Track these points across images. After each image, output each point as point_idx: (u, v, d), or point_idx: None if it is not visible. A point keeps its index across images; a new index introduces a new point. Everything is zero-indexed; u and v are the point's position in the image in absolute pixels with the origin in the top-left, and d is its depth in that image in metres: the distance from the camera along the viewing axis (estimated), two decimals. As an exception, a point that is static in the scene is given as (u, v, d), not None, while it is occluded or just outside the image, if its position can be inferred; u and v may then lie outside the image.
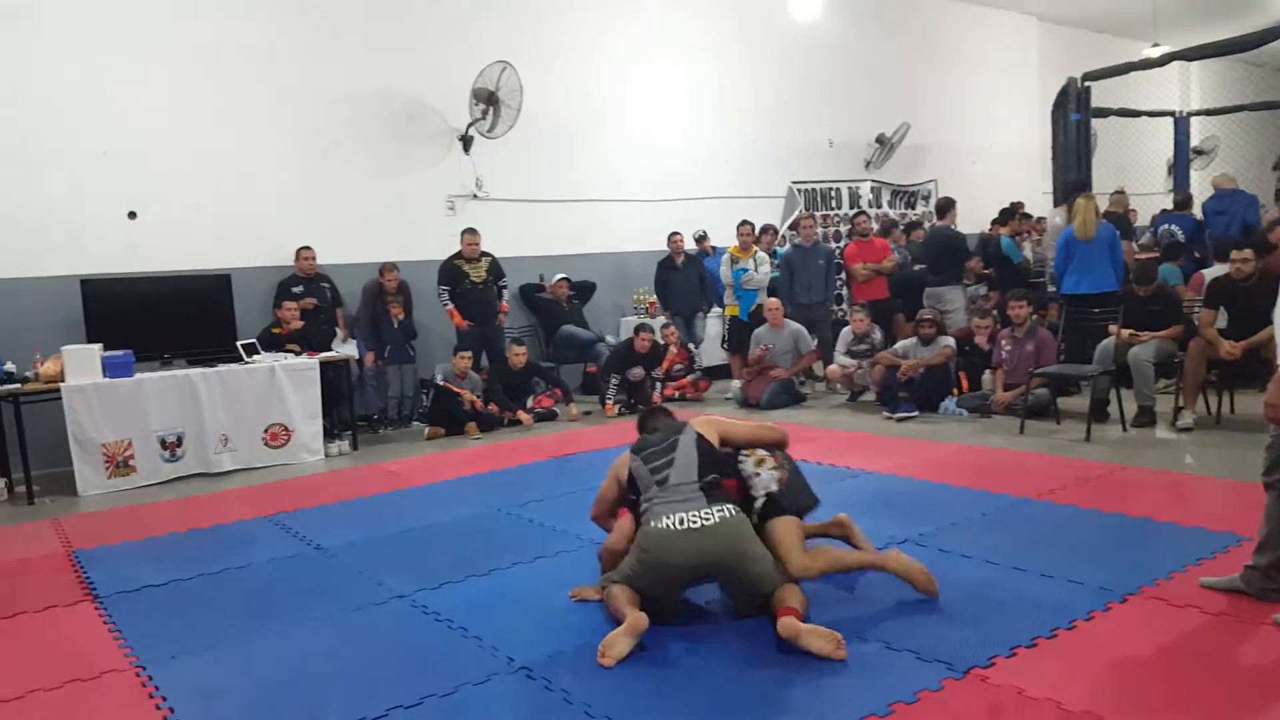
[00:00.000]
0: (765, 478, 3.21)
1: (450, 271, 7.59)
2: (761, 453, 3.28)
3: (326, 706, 2.63)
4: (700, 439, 3.23)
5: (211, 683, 2.86)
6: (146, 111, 6.83)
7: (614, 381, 7.75)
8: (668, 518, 2.97)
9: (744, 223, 8.50)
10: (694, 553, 2.93)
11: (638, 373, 7.84)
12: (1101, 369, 6.08)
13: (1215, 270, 7.00)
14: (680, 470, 3.13)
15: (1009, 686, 2.51)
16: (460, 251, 7.64)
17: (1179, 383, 5.98)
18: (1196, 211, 8.98)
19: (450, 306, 7.53)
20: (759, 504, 3.18)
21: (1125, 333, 6.07)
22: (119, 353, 5.87)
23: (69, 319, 6.31)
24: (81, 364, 5.70)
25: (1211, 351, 5.64)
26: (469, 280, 7.59)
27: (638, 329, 7.91)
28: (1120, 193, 8.84)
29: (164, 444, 5.94)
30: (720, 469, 3.18)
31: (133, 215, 6.84)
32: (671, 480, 3.10)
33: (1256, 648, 2.68)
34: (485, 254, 7.74)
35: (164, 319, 6.40)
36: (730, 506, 3.02)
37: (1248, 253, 5.66)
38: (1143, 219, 10.39)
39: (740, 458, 3.29)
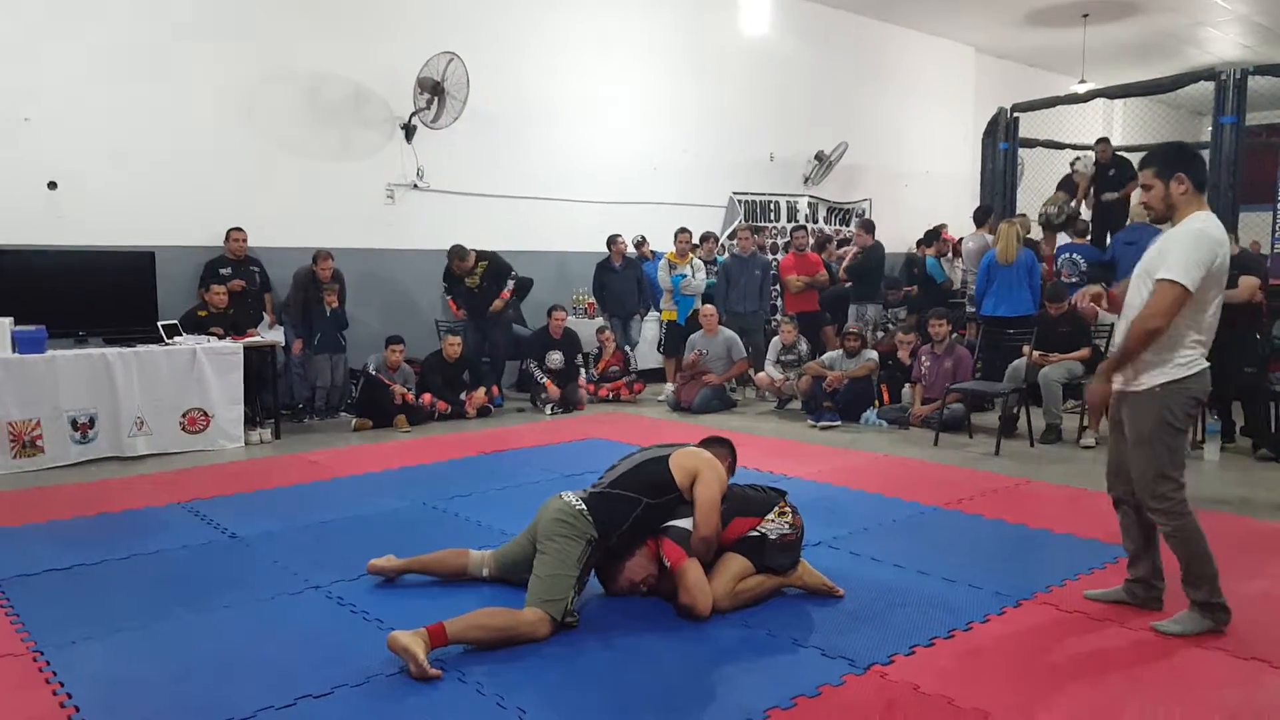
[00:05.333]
0: (773, 525, 3.26)
1: (450, 276, 7.88)
2: (789, 509, 3.33)
3: (232, 695, 2.59)
4: (654, 464, 3.26)
5: (113, 669, 2.79)
6: (73, 78, 6.60)
7: (534, 365, 7.81)
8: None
9: (682, 230, 8.62)
10: (540, 510, 3.24)
11: (556, 358, 7.86)
12: (1013, 387, 6.34)
13: None
14: (609, 476, 3.33)
15: (905, 683, 2.63)
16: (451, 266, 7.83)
17: (1084, 403, 6.27)
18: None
19: (449, 298, 7.89)
20: (749, 534, 3.24)
21: (1035, 354, 6.35)
22: (31, 328, 5.65)
23: (-21, 291, 6.06)
24: (-11, 338, 5.47)
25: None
26: (464, 285, 7.83)
27: (550, 310, 7.93)
28: (1023, 215, 9.18)
29: (75, 425, 5.74)
30: (641, 490, 3.18)
31: (53, 186, 6.60)
32: (604, 475, 3.37)
33: (1132, 651, 2.85)
34: (481, 259, 7.83)
35: (81, 295, 6.17)
36: (582, 507, 3.13)
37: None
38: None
39: (772, 516, 3.28)
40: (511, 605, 2.99)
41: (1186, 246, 2.82)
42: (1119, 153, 9.45)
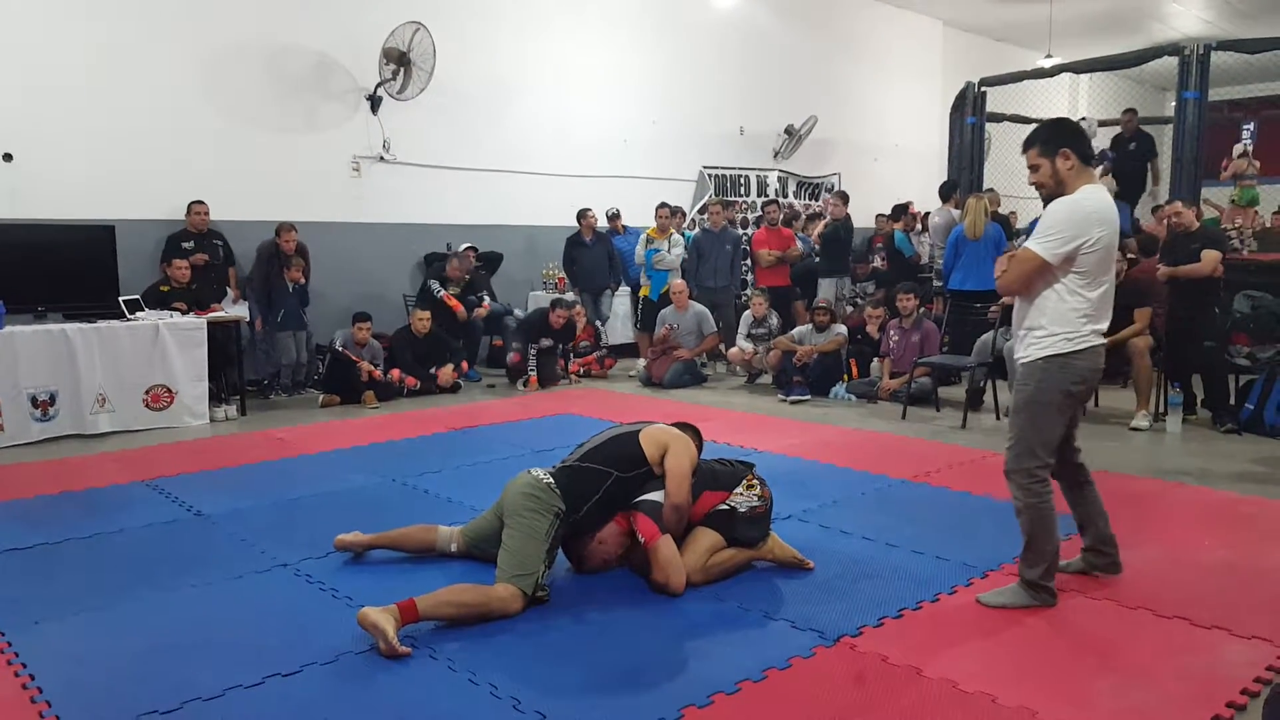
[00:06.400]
0: (742, 498, 3.28)
1: (442, 275, 8.01)
2: (757, 482, 3.34)
3: (199, 674, 2.57)
4: (623, 438, 3.28)
5: (77, 649, 2.76)
6: (27, 46, 6.40)
7: (533, 351, 7.72)
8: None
9: (662, 205, 8.58)
10: (508, 485, 3.20)
11: (546, 343, 7.86)
12: (980, 361, 6.42)
13: None
14: (578, 452, 3.30)
15: (874, 654, 2.67)
16: (446, 271, 7.99)
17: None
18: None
19: (444, 292, 7.82)
20: (719, 508, 3.25)
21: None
22: (-14, 303, 5.52)
23: (-69, 266, 5.88)
24: (-58, 314, 5.34)
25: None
26: (450, 287, 7.98)
27: (554, 303, 7.92)
28: (991, 190, 9.25)
29: (35, 402, 5.62)
30: (610, 464, 3.18)
31: (8, 158, 6.41)
32: (573, 453, 3.31)
33: (1096, 620, 2.91)
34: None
35: (40, 270, 6.01)
36: (549, 480, 3.11)
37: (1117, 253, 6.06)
38: (1024, 221, 10.93)
39: (741, 489, 3.31)
40: (481, 581, 2.98)
41: (1054, 219, 2.84)
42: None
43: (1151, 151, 9.24)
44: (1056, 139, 2.90)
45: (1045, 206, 2.98)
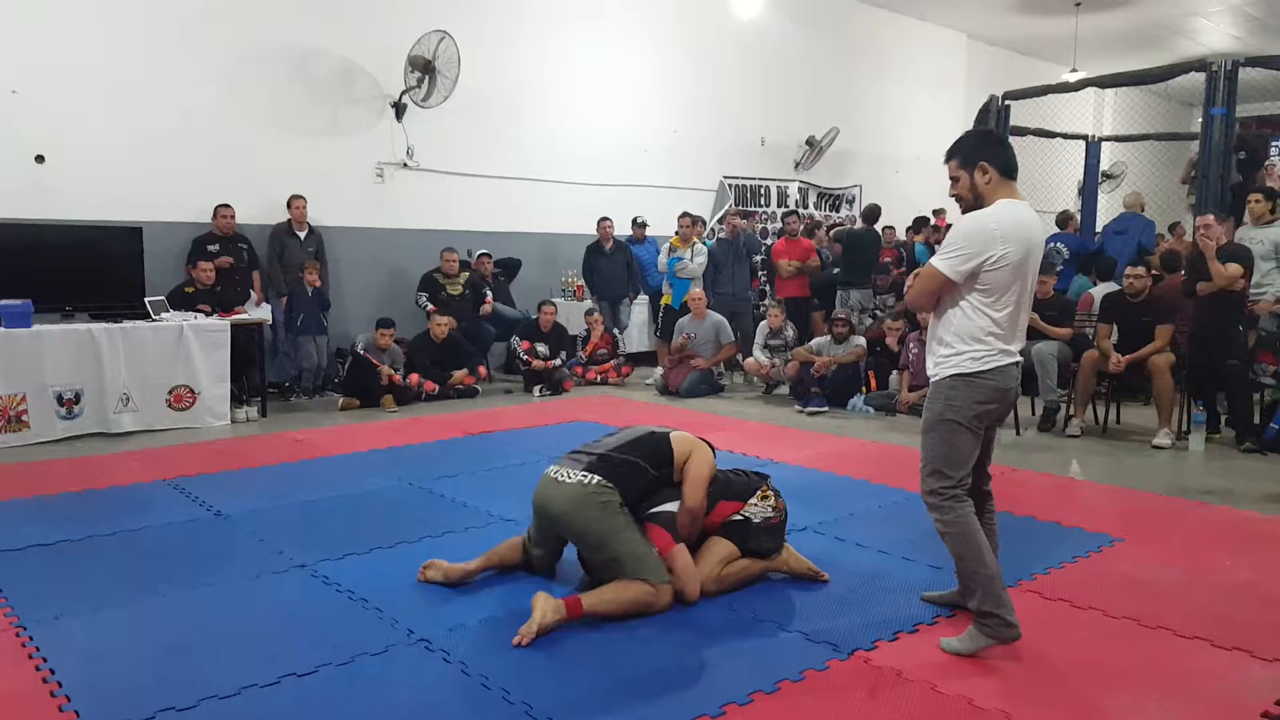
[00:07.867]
0: (757, 508, 3.28)
1: (429, 282, 7.88)
2: (772, 493, 3.35)
3: (215, 672, 2.59)
4: (656, 436, 3.30)
5: (96, 645, 2.79)
6: (61, 50, 6.51)
7: (516, 342, 7.87)
8: (552, 465, 3.23)
9: (684, 214, 8.58)
10: (542, 500, 3.16)
11: (543, 350, 7.88)
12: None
13: (1102, 288, 7.39)
14: (608, 441, 3.28)
15: (889, 668, 2.65)
16: (439, 266, 7.88)
17: (1071, 392, 6.32)
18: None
19: (430, 307, 7.74)
20: (733, 518, 3.26)
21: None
22: (16, 302, 5.60)
23: (-36, 264, 5.98)
24: (-28, 311, 5.43)
25: (1103, 364, 5.98)
26: (445, 292, 7.85)
27: (540, 304, 7.94)
28: None
29: (60, 400, 5.70)
30: (645, 459, 3.19)
31: (40, 159, 6.52)
32: (594, 444, 3.27)
33: (1114, 640, 2.88)
34: (465, 268, 8.04)
35: (68, 269, 6.12)
36: (595, 479, 3.06)
37: (1140, 269, 6.02)
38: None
39: (755, 499, 3.32)
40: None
41: (957, 235, 2.78)
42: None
43: (1256, 163, 8.96)
44: (975, 152, 2.86)
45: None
